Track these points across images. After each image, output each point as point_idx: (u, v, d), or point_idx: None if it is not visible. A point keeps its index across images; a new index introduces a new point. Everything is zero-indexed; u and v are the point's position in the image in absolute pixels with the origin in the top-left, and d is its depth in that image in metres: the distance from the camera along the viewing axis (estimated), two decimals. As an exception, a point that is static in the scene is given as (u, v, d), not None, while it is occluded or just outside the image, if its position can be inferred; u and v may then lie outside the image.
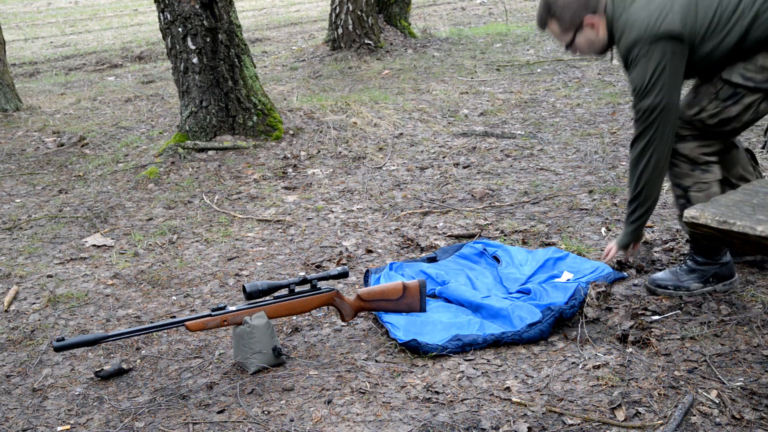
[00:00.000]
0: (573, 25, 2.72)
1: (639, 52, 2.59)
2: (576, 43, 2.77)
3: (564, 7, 2.70)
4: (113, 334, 2.55)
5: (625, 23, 2.63)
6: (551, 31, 2.77)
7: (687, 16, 2.56)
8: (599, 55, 2.84)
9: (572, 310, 2.80)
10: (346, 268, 2.79)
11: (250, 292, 2.62)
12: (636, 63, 2.61)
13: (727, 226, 1.80)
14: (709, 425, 2.15)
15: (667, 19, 2.55)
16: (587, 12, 2.69)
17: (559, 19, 2.72)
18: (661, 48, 2.57)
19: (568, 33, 2.74)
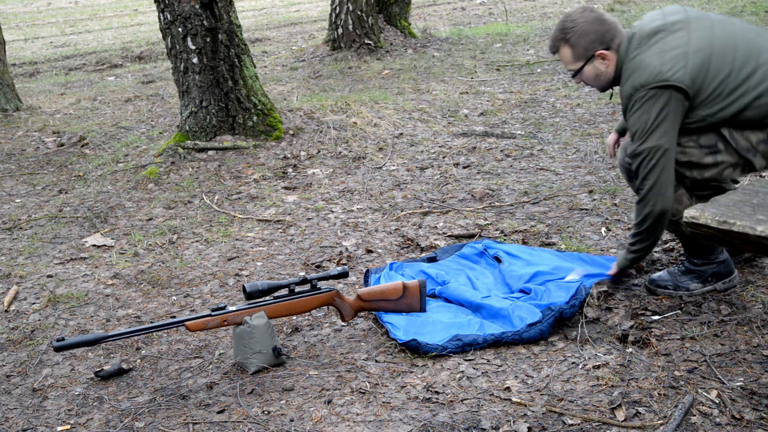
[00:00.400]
0: (585, 56, 2.72)
1: (645, 95, 2.58)
2: (583, 73, 2.77)
3: (580, 35, 2.70)
4: (113, 334, 2.55)
5: (637, 65, 2.62)
6: (562, 55, 2.77)
7: (697, 76, 2.57)
8: (601, 89, 2.85)
9: (573, 309, 2.79)
10: (346, 268, 2.79)
11: (250, 292, 2.62)
12: (640, 105, 2.60)
13: (727, 226, 1.80)
14: (709, 425, 2.15)
15: (679, 73, 2.56)
16: (601, 46, 2.70)
17: (572, 46, 2.72)
18: (666, 96, 2.57)
19: (578, 62, 2.74)
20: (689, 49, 2.59)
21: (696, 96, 2.59)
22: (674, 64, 2.56)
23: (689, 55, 2.57)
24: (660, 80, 2.56)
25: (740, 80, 2.58)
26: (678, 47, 2.59)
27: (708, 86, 2.58)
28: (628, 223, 3.65)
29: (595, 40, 2.70)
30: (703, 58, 2.58)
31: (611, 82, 2.79)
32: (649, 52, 2.63)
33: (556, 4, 13.13)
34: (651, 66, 2.59)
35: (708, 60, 2.58)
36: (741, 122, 2.62)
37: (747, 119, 2.61)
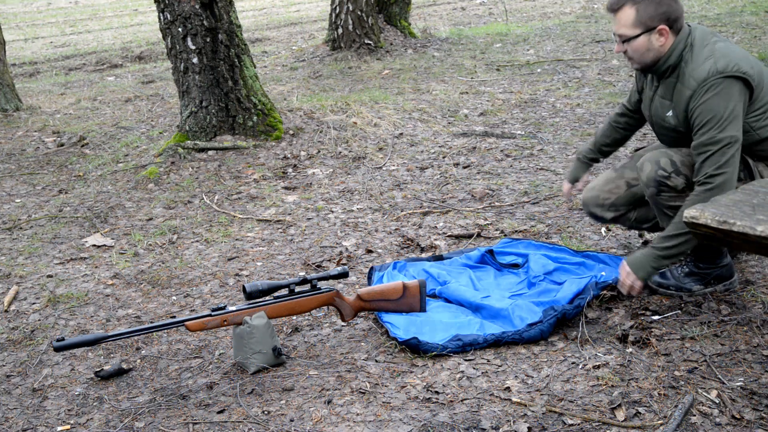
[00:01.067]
0: (647, 24, 2.60)
1: (722, 82, 2.53)
2: (635, 43, 2.64)
3: (653, 2, 2.60)
4: (113, 334, 2.55)
5: (713, 52, 2.58)
6: (622, 15, 2.62)
7: (760, 81, 2.60)
8: (640, 66, 2.73)
9: (576, 310, 2.79)
10: (346, 268, 2.79)
11: (250, 292, 2.63)
12: (718, 91, 2.53)
13: (727, 226, 1.80)
14: (709, 425, 2.15)
15: (750, 70, 2.57)
16: (666, 23, 2.61)
17: (639, 10, 2.59)
18: (740, 88, 2.56)
19: (637, 28, 2.61)
20: (748, 55, 2.64)
21: (753, 101, 2.59)
22: (746, 61, 2.58)
23: (751, 59, 2.61)
24: (738, 71, 2.54)
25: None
26: (741, 51, 2.63)
27: (763, 96, 2.61)
28: (628, 223, 3.65)
29: (663, 13, 2.60)
30: (759, 67, 2.63)
31: (655, 62, 2.68)
32: (721, 44, 2.61)
33: (556, 4, 13.14)
34: (729, 56, 2.56)
35: (761, 71, 2.62)
36: (759, 153, 2.67)
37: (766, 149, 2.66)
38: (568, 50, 8.25)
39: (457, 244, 3.64)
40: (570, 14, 11.60)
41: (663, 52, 2.66)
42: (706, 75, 2.56)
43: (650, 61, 2.69)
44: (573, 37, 9.03)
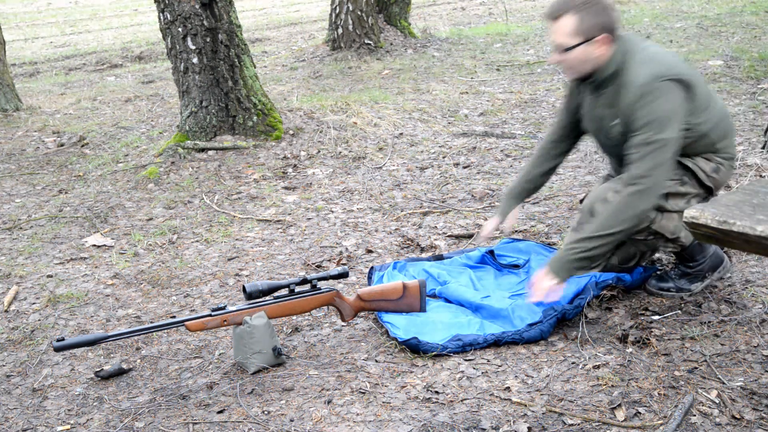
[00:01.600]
0: (587, 34, 2.57)
1: (662, 85, 2.53)
2: (574, 51, 2.60)
3: (592, 10, 2.57)
4: (113, 334, 2.55)
5: (651, 56, 2.59)
6: (561, 24, 2.58)
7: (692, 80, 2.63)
8: (576, 75, 2.70)
9: (576, 310, 2.79)
10: (346, 268, 2.79)
11: (250, 292, 2.63)
12: (659, 95, 2.54)
13: (727, 226, 1.80)
14: (709, 425, 2.15)
15: (687, 71, 2.60)
16: (606, 32, 2.59)
17: (581, 19, 2.55)
18: (681, 89, 2.57)
19: (577, 37, 2.57)
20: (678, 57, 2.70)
21: (691, 100, 2.61)
22: (681, 64, 2.61)
23: (683, 62, 2.67)
24: (678, 74, 2.56)
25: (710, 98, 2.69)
26: (673, 54, 2.69)
27: (699, 93, 2.64)
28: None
29: (604, 23, 2.58)
30: (691, 68, 2.67)
31: (592, 72, 2.66)
32: (654, 48, 2.63)
33: (556, 4, 13.11)
34: (666, 60, 2.59)
35: (693, 71, 2.67)
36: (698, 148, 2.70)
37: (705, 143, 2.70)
38: (568, 50, 8.24)
39: (457, 244, 3.64)
40: (570, 14, 11.57)
41: (602, 61, 2.63)
42: (647, 79, 2.55)
43: (588, 71, 2.67)
44: (573, 37, 9.01)
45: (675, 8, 10.54)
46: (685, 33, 8.46)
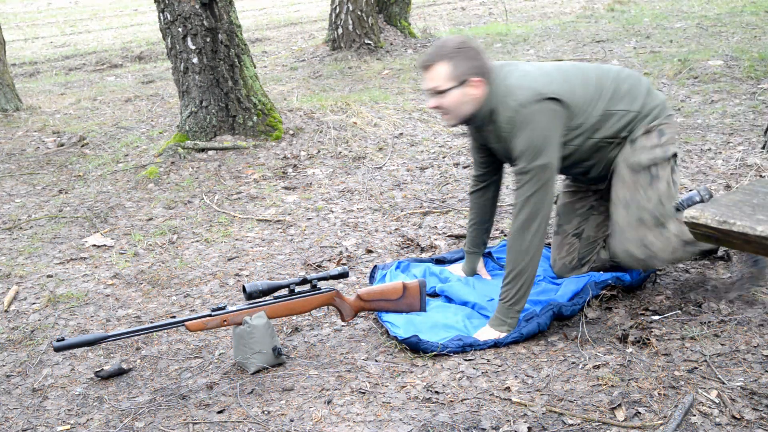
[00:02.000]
0: (460, 78, 2.64)
1: (529, 112, 2.59)
2: (449, 95, 2.66)
3: (464, 56, 2.64)
4: (113, 334, 2.55)
5: (510, 88, 2.64)
6: (434, 72, 2.65)
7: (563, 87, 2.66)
8: (456, 120, 2.75)
9: (574, 307, 2.79)
10: (346, 268, 2.79)
11: (250, 292, 2.63)
12: (527, 124, 2.60)
13: (727, 226, 1.80)
14: (709, 425, 2.15)
15: (552, 86, 2.63)
16: (479, 76, 2.66)
17: (453, 65, 2.63)
18: (549, 108, 2.61)
19: (450, 82, 2.64)
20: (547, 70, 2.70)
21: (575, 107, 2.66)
22: (546, 80, 2.64)
23: (553, 74, 2.69)
24: (540, 96, 2.60)
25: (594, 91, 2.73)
26: (536, 69, 2.70)
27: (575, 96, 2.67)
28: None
29: (475, 66, 2.65)
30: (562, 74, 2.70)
31: (470, 114, 2.72)
32: (513, 77, 2.67)
33: (556, 4, 13.14)
34: (525, 86, 2.63)
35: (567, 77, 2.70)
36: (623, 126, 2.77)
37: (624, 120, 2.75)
38: (568, 50, 8.25)
39: (457, 244, 3.64)
40: (570, 14, 11.60)
41: (477, 103, 2.70)
42: (511, 114, 2.62)
43: (466, 113, 2.72)
44: (573, 37, 9.03)
45: (675, 8, 10.54)
46: (685, 33, 8.46)
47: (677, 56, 7.01)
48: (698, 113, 5.38)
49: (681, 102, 5.72)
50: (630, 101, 2.76)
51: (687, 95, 5.89)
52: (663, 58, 7.14)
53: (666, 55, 7.27)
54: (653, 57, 7.30)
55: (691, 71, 6.40)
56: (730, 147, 4.58)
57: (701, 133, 4.94)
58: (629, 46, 8.03)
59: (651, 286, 3.00)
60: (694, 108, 5.52)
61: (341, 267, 2.80)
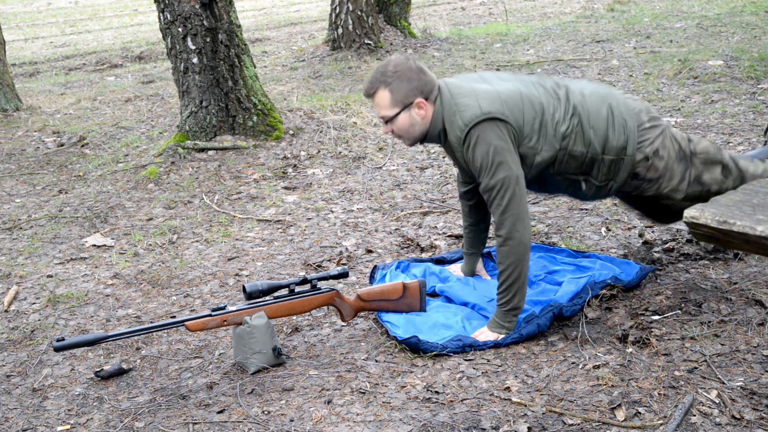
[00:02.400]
0: (403, 102, 2.66)
1: (477, 131, 2.60)
2: (397, 120, 2.69)
3: (402, 81, 2.65)
4: (113, 334, 2.55)
5: (460, 107, 2.64)
6: (378, 99, 2.69)
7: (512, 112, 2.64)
8: (411, 142, 2.78)
9: (574, 308, 2.79)
10: (346, 268, 2.79)
11: (250, 292, 2.63)
12: (476, 141, 2.61)
13: (727, 226, 1.80)
14: (709, 425, 2.15)
15: (495, 107, 2.62)
16: (421, 96, 2.67)
17: (392, 91, 2.66)
18: (496, 127, 2.61)
19: (394, 107, 2.67)
20: (499, 91, 2.68)
21: (525, 126, 2.65)
22: (490, 98, 2.63)
23: (501, 92, 2.66)
24: (484, 115, 2.60)
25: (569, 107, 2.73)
26: (488, 91, 2.67)
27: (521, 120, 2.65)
28: (628, 223, 3.65)
29: (416, 88, 2.66)
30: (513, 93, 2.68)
31: (424, 134, 2.75)
32: (462, 95, 2.67)
33: (556, 4, 13.14)
34: (471, 105, 2.63)
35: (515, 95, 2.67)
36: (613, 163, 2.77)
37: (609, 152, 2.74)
38: (568, 50, 8.25)
39: (456, 243, 3.64)
40: (570, 14, 11.60)
41: (428, 122, 2.71)
42: (459, 132, 2.63)
43: (419, 134, 2.75)
44: (573, 37, 9.03)
45: (675, 8, 10.54)
46: (685, 33, 8.46)
47: (677, 56, 7.01)
48: (698, 113, 5.38)
49: (681, 102, 5.72)
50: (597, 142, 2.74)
51: (687, 95, 5.89)
52: (663, 58, 7.14)
53: (666, 55, 7.27)
54: (653, 57, 7.30)
55: (691, 71, 6.40)
56: (730, 147, 4.58)
57: (701, 133, 4.94)
58: (629, 46, 8.03)
59: (651, 286, 3.00)
60: (694, 108, 5.52)
61: (341, 267, 2.80)
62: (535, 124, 2.66)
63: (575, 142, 2.70)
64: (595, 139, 2.71)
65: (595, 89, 2.81)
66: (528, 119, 2.66)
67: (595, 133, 2.71)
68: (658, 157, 2.75)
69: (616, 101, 2.77)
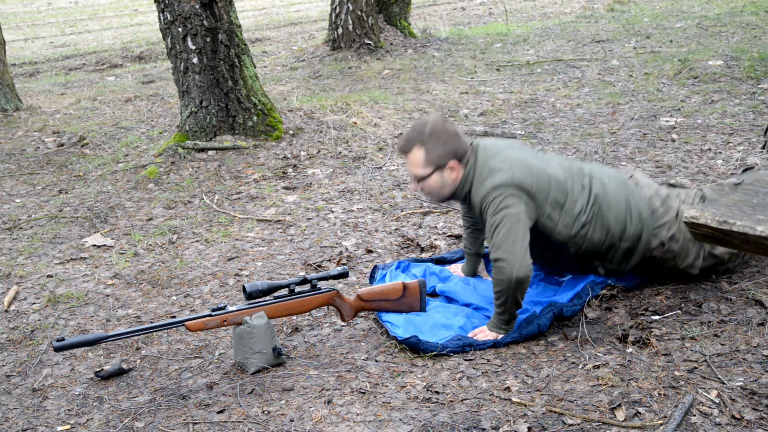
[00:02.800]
0: (437, 163, 2.72)
1: (501, 195, 2.65)
2: (429, 180, 2.76)
3: (438, 140, 2.72)
4: (113, 334, 2.55)
5: (490, 170, 2.69)
6: (412, 157, 2.75)
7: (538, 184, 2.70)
8: (438, 200, 2.85)
9: (574, 308, 2.79)
10: (346, 268, 2.79)
11: (250, 292, 2.63)
12: (498, 203, 2.65)
13: (727, 226, 1.79)
14: (709, 425, 2.15)
15: (527, 179, 2.67)
16: (455, 158, 2.73)
17: (428, 150, 2.71)
18: (520, 193, 2.65)
19: (428, 167, 2.73)
20: (530, 161, 2.73)
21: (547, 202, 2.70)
22: (522, 168, 2.68)
23: (531, 164, 2.71)
24: (510, 182, 2.64)
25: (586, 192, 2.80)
26: (519, 159, 2.72)
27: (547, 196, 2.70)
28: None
29: (451, 150, 2.73)
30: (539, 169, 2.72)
31: (452, 194, 2.80)
32: (496, 160, 2.71)
33: (556, 4, 13.14)
34: (503, 170, 2.67)
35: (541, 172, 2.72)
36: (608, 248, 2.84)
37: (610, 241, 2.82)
38: (568, 50, 8.25)
39: (456, 243, 3.63)
40: (570, 14, 11.60)
41: (457, 184, 2.77)
42: (484, 193, 2.68)
43: (447, 194, 2.82)
44: (573, 37, 9.03)
45: (675, 8, 10.54)
46: (685, 33, 8.46)
47: (677, 56, 7.01)
48: (698, 113, 5.38)
49: (681, 102, 5.72)
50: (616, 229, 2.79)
51: (687, 95, 5.89)
52: (663, 58, 7.14)
53: (666, 55, 7.27)
54: (653, 57, 7.30)
55: (691, 71, 6.40)
56: (730, 147, 4.59)
57: (701, 133, 4.94)
58: (629, 46, 8.03)
59: (651, 286, 3.00)
60: (694, 108, 5.52)
61: (341, 267, 2.80)
62: (555, 203, 2.71)
63: (594, 229, 2.77)
64: (615, 227, 2.78)
65: (615, 177, 2.88)
66: (551, 199, 2.71)
67: (616, 222, 2.78)
68: (674, 241, 2.81)
69: (631, 191, 2.84)
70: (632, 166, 3.32)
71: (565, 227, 2.74)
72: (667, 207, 2.84)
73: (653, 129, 5.14)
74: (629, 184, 2.89)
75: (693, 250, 2.82)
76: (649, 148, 4.74)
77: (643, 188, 2.88)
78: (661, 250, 2.82)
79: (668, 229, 2.81)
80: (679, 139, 4.86)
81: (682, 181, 4.04)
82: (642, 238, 2.80)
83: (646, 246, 2.81)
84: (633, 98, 6.02)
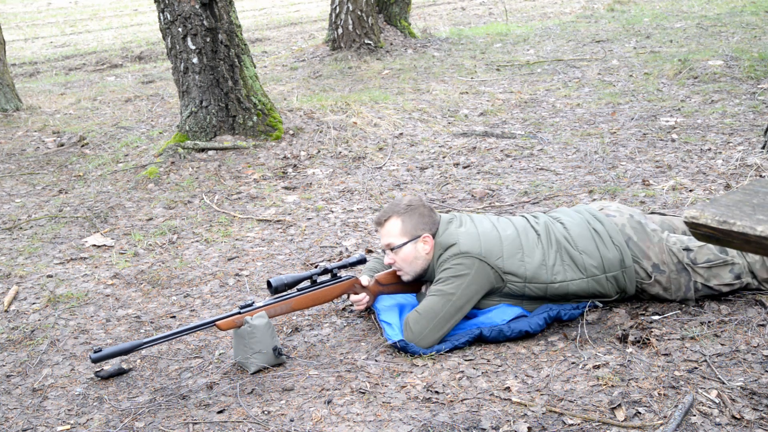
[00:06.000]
0: (412, 234, 2.80)
1: (453, 261, 2.71)
2: (402, 251, 2.81)
3: (416, 214, 2.80)
4: (148, 340, 2.58)
5: (447, 239, 2.76)
6: (388, 227, 2.82)
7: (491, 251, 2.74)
8: (414, 274, 2.87)
9: (574, 312, 2.79)
10: (363, 255, 2.93)
11: (276, 286, 2.67)
12: (449, 267, 2.71)
13: (727, 226, 1.79)
14: (709, 425, 2.15)
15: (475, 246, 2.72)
16: (429, 231, 2.80)
17: (404, 221, 2.80)
18: (474, 261, 2.70)
19: (403, 237, 2.80)
20: (479, 230, 2.77)
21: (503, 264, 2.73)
22: (470, 239, 2.73)
23: (484, 233, 2.76)
24: (461, 252, 2.69)
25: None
26: (469, 231, 2.78)
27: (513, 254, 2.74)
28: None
29: (427, 223, 2.81)
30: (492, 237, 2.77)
31: (425, 270, 2.84)
32: (449, 230, 2.78)
33: (556, 4, 13.14)
34: (453, 240, 2.73)
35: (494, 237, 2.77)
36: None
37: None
38: (568, 50, 8.25)
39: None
40: (570, 14, 11.60)
41: (429, 259, 2.83)
42: (440, 260, 2.76)
43: (421, 269, 2.86)
44: (573, 37, 9.03)
45: (675, 8, 10.54)
46: (685, 33, 8.46)
47: (677, 56, 7.01)
48: (698, 113, 5.38)
49: (681, 102, 5.72)
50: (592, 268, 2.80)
51: (687, 95, 5.89)
52: (663, 58, 7.14)
53: (666, 55, 7.27)
54: (653, 57, 7.30)
55: (691, 71, 6.40)
56: (730, 147, 4.59)
57: (701, 133, 4.94)
58: (629, 46, 8.03)
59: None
60: (694, 108, 5.52)
61: (359, 254, 2.91)
62: (512, 258, 2.73)
63: (566, 269, 2.76)
64: (590, 260, 2.76)
65: (577, 216, 2.89)
66: (507, 255, 2.73)
67: (589, 255, 2.76)
68: (659, 272, 2.78)
69: (599, 221, 2.84)
70: (607, 198, 3.36)
71: (535, 277, 2.74)
72: (642, 234, 2.81)
73: (653, 129, 5.14)
74: (598, 215, 2.88)
75: (683, 282, 2.78)
76: (649, 148, 4.75)
77: (615, 217, 2.87)
78: (649, 283, 2.79)
79: (648, 258, 2.78)
80: (679, 139, 4.86)
81: (682, 180, 4.05)
82: (625, 262, 2.77)
83: (631, 271, 2.78)
84: (633, 98, 6.02)
